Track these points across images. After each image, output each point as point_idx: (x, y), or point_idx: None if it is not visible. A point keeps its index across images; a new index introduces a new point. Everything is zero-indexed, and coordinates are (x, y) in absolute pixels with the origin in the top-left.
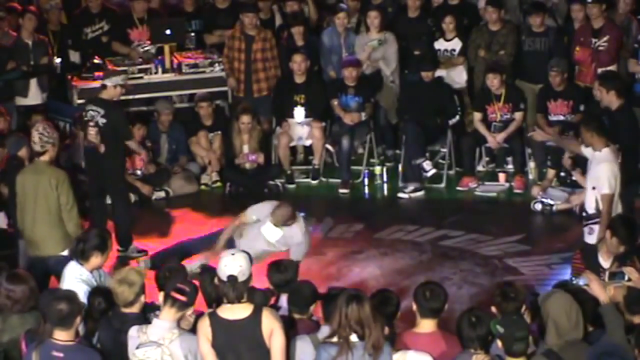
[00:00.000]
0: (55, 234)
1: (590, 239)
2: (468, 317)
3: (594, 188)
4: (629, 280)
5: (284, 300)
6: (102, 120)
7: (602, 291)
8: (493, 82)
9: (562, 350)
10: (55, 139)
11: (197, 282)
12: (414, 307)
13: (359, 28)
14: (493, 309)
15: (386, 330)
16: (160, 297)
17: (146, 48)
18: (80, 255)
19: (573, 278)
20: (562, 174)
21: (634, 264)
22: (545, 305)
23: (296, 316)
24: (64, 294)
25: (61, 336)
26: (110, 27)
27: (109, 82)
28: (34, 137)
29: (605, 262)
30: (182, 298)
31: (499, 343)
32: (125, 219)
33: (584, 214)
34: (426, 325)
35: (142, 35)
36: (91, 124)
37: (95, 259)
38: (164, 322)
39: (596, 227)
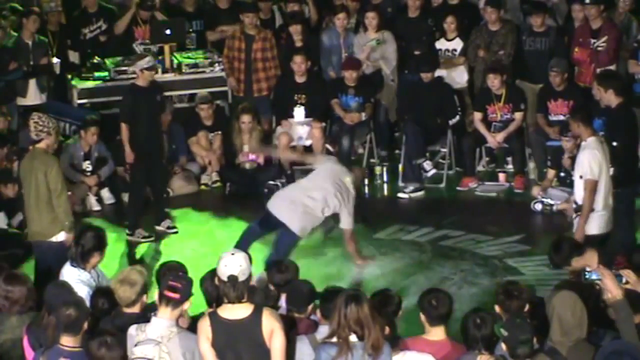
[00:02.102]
0: (43, 219)
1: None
2: (473, 317)
3: (581, 177)
4: (627, 282)
5: (283, 299)
6: None
7: (615, 286)
8: (494, 82)
9: (566, 349)
10: (51, 128)
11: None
12: (422, 317)
13: (358, 28)
14: (496, 307)
15: (387, 330)
16: (155, 296)
17: (148, 47)
18: (81, 259)
19: (586, 273)
20: (562, 174)
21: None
22: (551, 302)
23: (294, 315)
24: (73, 300)
25: (68, 342)
26: (108, 26)
27: (134, 68)
28: (30, 126)
29: None
30: (175, 296)
31: (504, 346)
32: (131, 207)
33: (573, 205)
34: (436, 333)
35: (146, 35)
36: None
37: (94, 259)
38: (163, 320)
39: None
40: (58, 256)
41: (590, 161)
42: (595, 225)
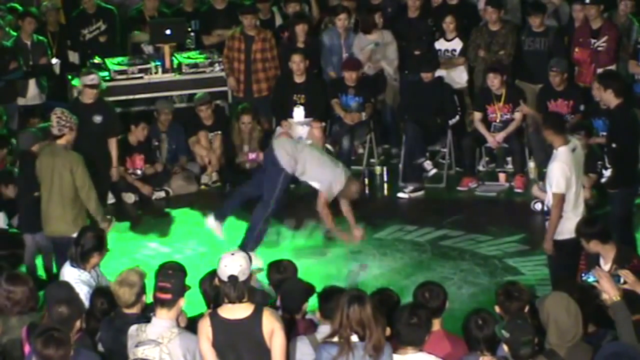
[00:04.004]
0: (66, 215)
1: None
2: (474, 318)
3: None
4: (625, 283)
5: None
6: None
7: (612, 288)
8: (493, 82)
9: (564, 350)
10: (73, 123)
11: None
12: None
13: (357, 28)
14: (496, 308)
15: (387, 331)
16: (150, 298)
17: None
18: (80, 259)
19: (583, 275)
20: None
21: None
22: (544, 306)
23: (288, 316)
24: (65, 297)
25: None
26: (107, 26)
27: (79, 85)
28: (52, 120)
29: (605, 265)
30: (166, 296)
31: (505, 348)
32: None
33: (545, 208)
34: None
35: None
36: None
37: (94, 259)
38: (163, 320)
39: None
40: None
41: (559, 175)
42: (567, 229)
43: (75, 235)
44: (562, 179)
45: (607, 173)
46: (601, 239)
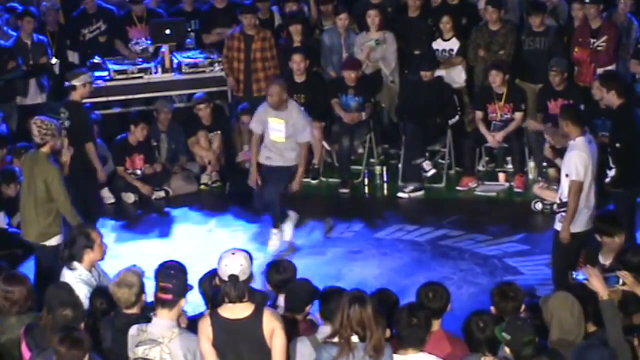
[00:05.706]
0: (41, 222)
1: (560, 226)
2: (476, 320)
3: (567, 176)
4: (624, 284)
5: (282, 300)
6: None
7: (601, 286)
8: (495, 79)
9: (566, 350)
10: (54, 130)
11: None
12: None
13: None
14: (492, 309)
15: (387, 332)
16: (152, 298)
17: (144, 46)
18: (69, 260)
19: (573, 273)
20: (544, 164)
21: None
22: (548, 305)
23: (291, 316)
24: (70, 301)
25: None
26: (107, 27)
27: (77, 82)
28: (33, 130)
29: (605, 260)
30: (167, 297)
31: (507, 350)
32: None
33: (558, 201)
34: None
35: (141, 34)
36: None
37: (89, 256)
38: (164, 321)
39: None
40: (57, 258)
41: (577, 163)
42: (577, 223)
43: (48, 243)
44: (582, 167)
45: (612, 173)
46: (616, 230)
